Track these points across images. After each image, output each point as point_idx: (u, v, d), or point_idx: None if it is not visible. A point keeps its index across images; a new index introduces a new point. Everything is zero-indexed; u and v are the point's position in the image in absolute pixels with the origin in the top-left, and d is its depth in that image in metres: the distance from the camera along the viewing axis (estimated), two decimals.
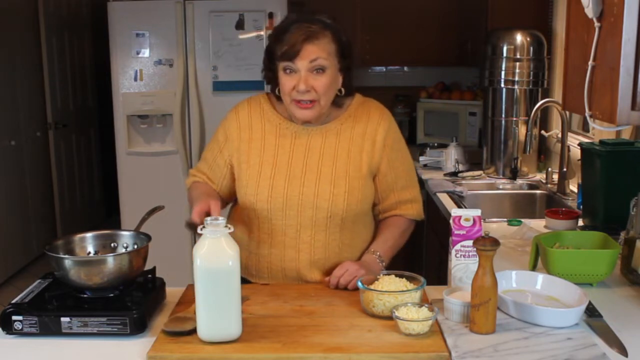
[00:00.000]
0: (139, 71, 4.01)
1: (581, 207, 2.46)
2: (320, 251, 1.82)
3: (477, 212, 1.66)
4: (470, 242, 1.61)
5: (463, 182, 3.37)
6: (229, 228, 1.43)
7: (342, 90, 1.81)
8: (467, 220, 1.64)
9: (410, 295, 1.55)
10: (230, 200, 1.97)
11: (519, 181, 3.34)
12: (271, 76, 1.82)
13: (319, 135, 1.84)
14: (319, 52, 1.71)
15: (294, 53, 1.71)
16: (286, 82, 1.75)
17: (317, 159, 1.82)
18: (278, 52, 1.74)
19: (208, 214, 1.64)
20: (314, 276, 1.83)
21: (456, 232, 1.64)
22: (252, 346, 1.42)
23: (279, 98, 1.84)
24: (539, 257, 1.86)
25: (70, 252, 1.65)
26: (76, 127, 5.79)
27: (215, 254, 1.41)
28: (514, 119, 3.40)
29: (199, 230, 1.42)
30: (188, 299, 1.65)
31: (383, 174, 1.87)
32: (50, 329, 1.48)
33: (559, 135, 3.18)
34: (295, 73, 1.73)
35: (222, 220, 1.42)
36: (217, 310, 1.43)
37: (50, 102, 5.33)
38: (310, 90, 1.73)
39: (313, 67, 1.72)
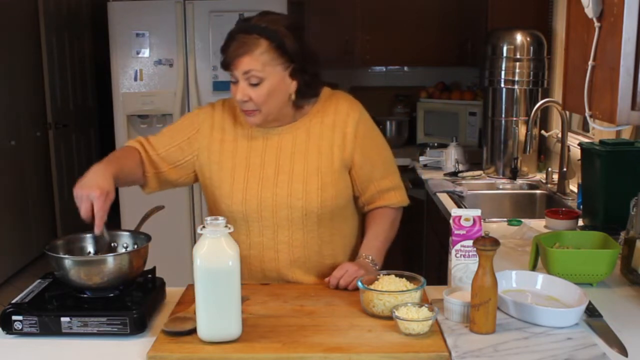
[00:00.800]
0: (139, 71, 4.01)
1: (581, 207, 2.46)
2: (299, 250, 1.81)
3: (477, 212, 1.65)
4: (470, 242, 1.61)
5: (463, 182, 3.37)
6: (229, 228, 1.43)
7: (293, 95, 1.76)
8: (467, 220, 1.64)
9: (410, 295, 1.55)
10: (164, 183, 1.89)
11: (519, 181, 3.34)
12: None
13: (290, 134, 1.82)
14: (252, 64, 1.69)
15: (227, 64, 1.72)
16: (232, 90, 1.76)
17: (289, 158, 1.81)
18: (220, 62, 1.76)
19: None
20: (294, 275, 1.83)
21: (456, 232, 1.64)
22: (252, 346, 1.42)
23: None
24: (539, 257, 1.86)
25: (70, 252, 1.65)
26: (76, 127, 5.80)
27: (215, 254, 1.41)
28: (514, 119, 3.40)
29: (199, 230, 1.42)
30: (188, 299, 1.65)
31: (358, 166, 1.84)
32: (50, 329, 1.48)
33: (559, 135, 3.18)
34: (237, 82, 1.73)
35: (222, 220, 1.42)
36: (217, 310, 1.43)
37: (50, 102, 5.33)
38: (248, 101, 1.73)
39: (248, 79, 1.71)
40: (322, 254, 1.83)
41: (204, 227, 1.42)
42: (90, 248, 1.69)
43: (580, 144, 2.43)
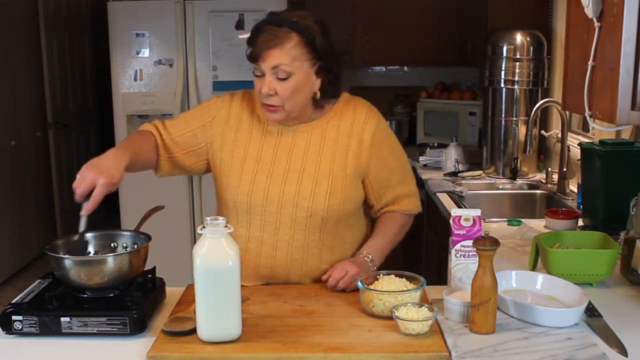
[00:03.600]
0: (139, 71, 4.01)
1: (581, 207, 2.46)
2: (298, 251, 1.79)
3: (477, 212, 1.66)
4: (470, 242, 1.61)
5: (463, 182, 3.37)
6: (229, 228, 1.43)
7: (317, 93, 1.76)
8: (467, 220, 1.64)
9: (410, 295, 1.55)
10: (176, 167, 1.88)
11: (519, 181, 3.34)
12: None
13: (305, 134, 1.81)
14: (282, 57, 1.68)
15: (256, 57, 1.70)
16: (256, 84, 1.75)
17: (302, 157, 1.80)
18: (247, 54, 1.74)
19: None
20: (288, 277, 1.81)
21: (456, 232, 1.64)
22: (252, 346, 1.42)
23: None
24: (539, 257, 1.86)
25: (70, 252, 1.65)
26: (76, 127, 5.80)
27: (215, 254, 1.41)
28: (514, 119, 3.40)
29: (199, 230, 1.43)
30: (188, 299, 1.65)
31: (375, 172, 1.84)
32: (50, 329, 1.48)
33: (559, 135, 3.18)
34: (262, 76, 1.72)
35: (222, 220, 1.42)
36: (217, 310, 1.43)
37: (50, 102, 5.33)
38: (274, 95, 1.71)
39: (277, 72, 1.69)
40: (321, 258, 1.81)
41: (203, 227, 1.42)
42: (90, 248, 1.69)
43: (580, 144, 2.43)
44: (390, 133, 1.90)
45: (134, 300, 1.53)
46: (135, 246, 1.66)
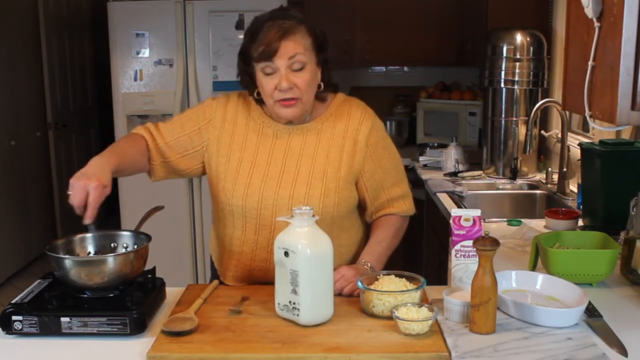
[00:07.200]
0: (138, 71, 4.01)
1: (581, 207, 2.46)
2: None
3: (477, 212, 1.65)
4: (470, 242, 1.61)
5: (463, 182, 3.37)
6: (316, 217, 1.50)
7: (322, 84, 1.78)
8: (467, 220, 1.64)
9: (410, 295, 1.55)
10: (171, 172, 1.88)
11: (519, 181, 3.34)
12: (248, 80, 1.79)
13: (300, 135, 1.81)
14: (297, 47, 1.68)
15: (271, 52, 1.67)
16: (267, 83, 1.71)
17: (296, 159, 1.79)
18: (254, 54, 1.70)
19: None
20: None
21: (456, 232, 1.64)
22: (252, 346, 1.42)
23: (257, 101, 1.81)
24: (539, 257, 1.86)
25: (71, 252, 1.65)
26: (76, 127, 5.80)
27: (315, 241, 1.49)
28: (514, 119, 3.41)
29: (283, 219, 1.51)
30: (188, 298, 1.65)
31: (370, 174, 1.83)
32: (50, 329, 1.48)
33: (559, 135, 3.18)
34: (275, 72, 1.70)
35: (310, 210, 1.49)
36: (321, 294, 1.50)
37: (50, 102, 5.33)
38: (293, 88, 1.70)
39: (292, 64, 1.69)
40: None
41: (291, 216, 1.49)
42: (90, 248, 1.69)
43: (580, 144, 2.43)
44: (385, 134, 1.89)
45: (134, 300, 1.53)
46: (135, 246, 1.66)
